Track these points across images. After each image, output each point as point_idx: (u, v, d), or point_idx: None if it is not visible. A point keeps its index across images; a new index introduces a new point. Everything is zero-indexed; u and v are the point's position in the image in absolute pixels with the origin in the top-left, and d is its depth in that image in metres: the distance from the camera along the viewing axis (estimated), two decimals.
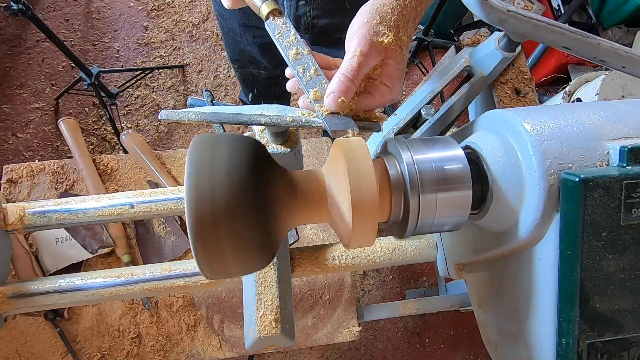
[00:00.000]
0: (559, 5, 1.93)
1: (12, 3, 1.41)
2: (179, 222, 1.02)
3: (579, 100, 1.56)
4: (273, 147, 0.58)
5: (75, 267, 0.96)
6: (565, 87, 1.66)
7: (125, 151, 1.23)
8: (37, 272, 0.93)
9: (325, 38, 0.90)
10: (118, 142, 1.92)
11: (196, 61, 2.12)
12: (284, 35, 0.52)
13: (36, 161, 1.04)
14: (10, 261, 0.69)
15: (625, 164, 0.40)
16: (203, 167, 0.37)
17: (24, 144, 1.91)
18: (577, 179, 0.39)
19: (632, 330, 0.42)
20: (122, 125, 1.97)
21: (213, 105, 1.25)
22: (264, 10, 0.53)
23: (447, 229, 0.47)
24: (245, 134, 0.46)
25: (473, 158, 0.48)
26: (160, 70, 2.07)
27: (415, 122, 0.71)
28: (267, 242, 0.40)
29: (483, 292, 0.58)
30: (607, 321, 0.41)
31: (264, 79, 1.21)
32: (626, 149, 0.40)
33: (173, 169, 1.07)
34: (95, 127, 1.97)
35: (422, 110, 0.68)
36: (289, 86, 0.54)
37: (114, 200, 0.67)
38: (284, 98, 1.33)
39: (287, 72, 0.54)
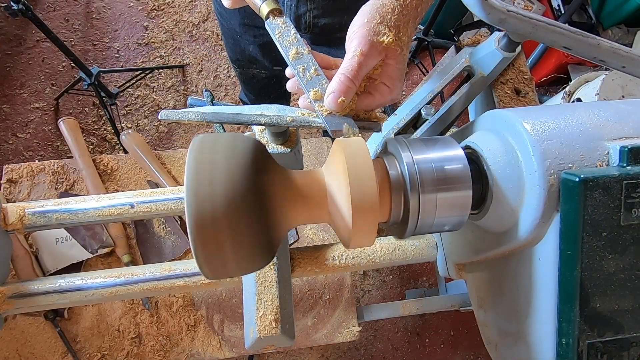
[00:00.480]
0: (559, 5, 1.93)
1: (12, 3, 1.41)
2: (179, 222, 1.02)
3: (579, 100, 1.56)
4: (273, 147, 0.58)
5: (75, 267, 0.96)
6: (565, 87, 1.66)
7: (125, 151, 1.23)
8: (37, 272, 0.93)
9: (326, 38, 0.90)
10: (118, 142, 1.92)
11: (196, 61, 2.12)
12: (284, 35, 0.52)
13: (36, 161, 1.04)
14: (10, 261, 0.69)
15: (625, 164, 0.40)
16: (203, 167, 0.37)
17: (24, 144, 1.91)
18: (577, 179, 0.39)
19: (632, 330, 0.42)
20: (122, 125, 1.97)
21: (213, 105, 1.25)
22: (264, 9, 0.53)
23: (447, 229, 0.47)
24: (245, 134, 0.46)
25: (473, 158, 0.48)
26: (160, 70, 2.07)
27: (415, 122, 0.71)
28: (267, 242, 0.40)
29: (483, 292, 0.58)
30: (607, 321, 0.41)
31: (264, 78, 1.21)
32: (626, 149, 0.40)
33: (173, 169, 1.07)
34: (95, 127, 1.97)
35: (422, 110, 0.68)
36: (289, 86, 0.54)
37: (114, 200, 0.67)
38: (284, 98, 1.33)
39: (287, 71, 0.53)
